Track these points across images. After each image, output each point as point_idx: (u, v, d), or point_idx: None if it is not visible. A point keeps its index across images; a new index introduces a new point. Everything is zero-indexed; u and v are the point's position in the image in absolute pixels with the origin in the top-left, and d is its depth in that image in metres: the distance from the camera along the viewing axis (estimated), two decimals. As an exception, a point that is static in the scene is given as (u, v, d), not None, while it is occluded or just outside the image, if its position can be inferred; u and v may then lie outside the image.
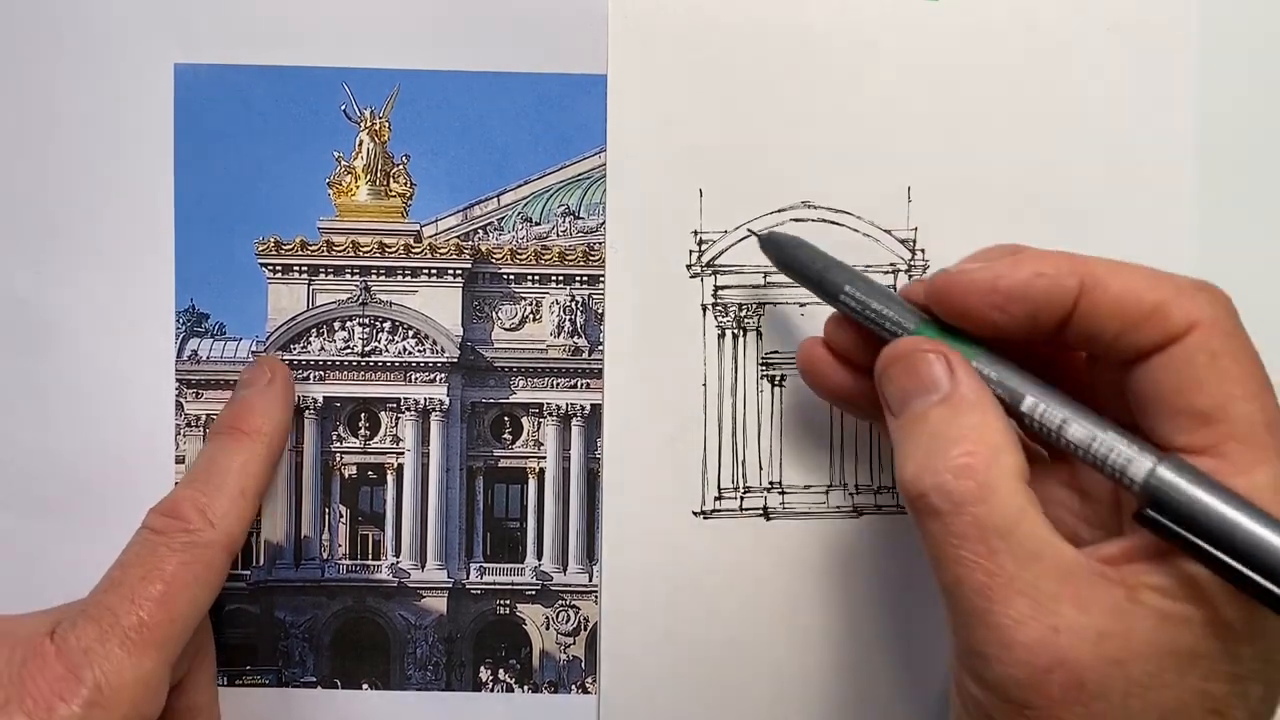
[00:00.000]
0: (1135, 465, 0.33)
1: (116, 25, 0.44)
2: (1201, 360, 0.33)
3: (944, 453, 0.33)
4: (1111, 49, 0.45)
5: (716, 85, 0.45)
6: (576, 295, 0.46)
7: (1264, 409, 0.32)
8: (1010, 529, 0.32)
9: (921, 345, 0.36)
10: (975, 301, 0.35)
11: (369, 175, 0.46)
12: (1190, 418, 0.33)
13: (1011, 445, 0.34)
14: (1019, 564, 0.32)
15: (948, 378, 0.35)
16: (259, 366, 0.44)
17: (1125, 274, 0.34)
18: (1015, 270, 0.35)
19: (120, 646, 0.37)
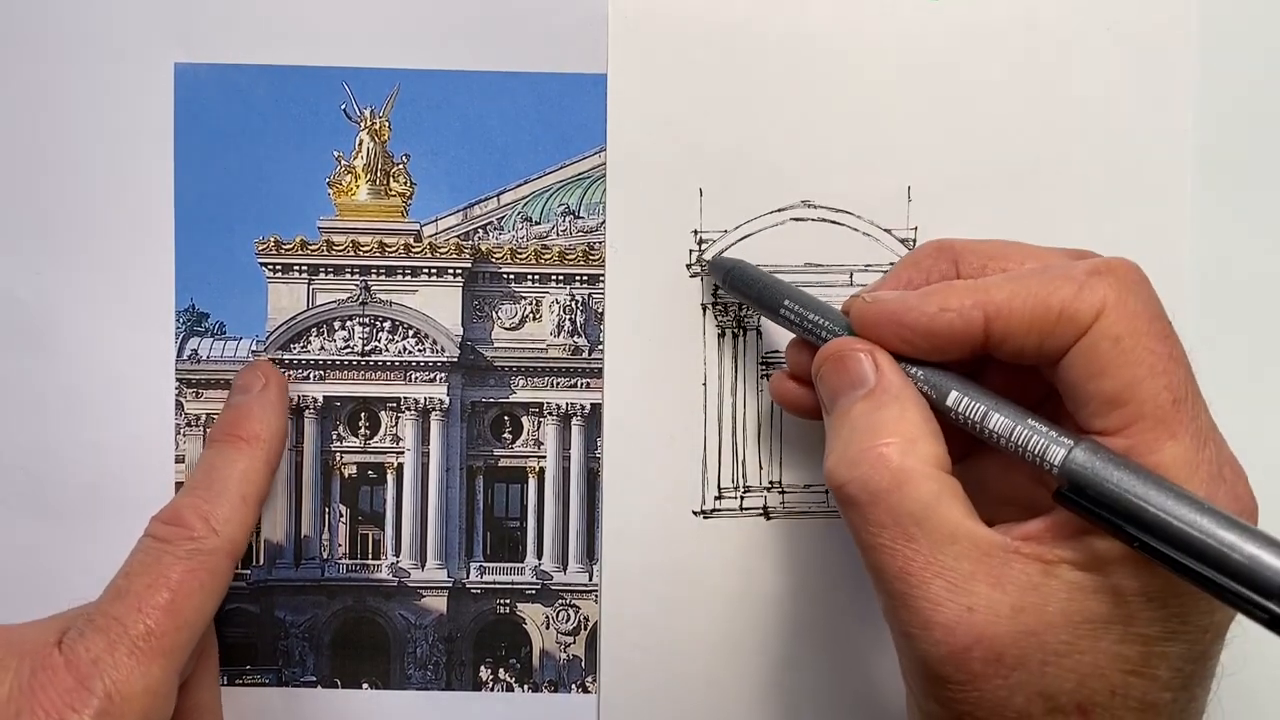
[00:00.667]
0: (1051, 451, 0.34)
1: (116, 25, 0.44)
2: (1105, 346, 0.34)
3: (862, 444, 0.35)
4: (1111, 49, 0.45)
5: (716, 85, 0.45)
6: (576, 295, 0.46)
7: (1170, 385, 0.33)
8: (925, 515, 0.34)
9: (850, 344, 0.38)
10: (885, 333, 0.37)
11: (369, 175, 0.46)
12: (1099, 402, 0.34)
13: (929, 435, 0.35)
14: (934, 548, 0.34)
15: (873, 373, 0.37)
16: (253, 371, 0.44)
17: (1025, 288, 0.35)
18: (922, 305, 0.36)
19: (129, 656, 0.37)
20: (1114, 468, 0.33)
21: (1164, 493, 0.32)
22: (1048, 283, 0.35)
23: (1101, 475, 0.33)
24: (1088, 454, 0.33)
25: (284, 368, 0.46)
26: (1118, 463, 0.33)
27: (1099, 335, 0.34)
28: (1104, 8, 0.45)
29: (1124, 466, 0.33)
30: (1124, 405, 0.34)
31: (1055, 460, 0.34)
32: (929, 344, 0.36)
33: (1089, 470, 0.33)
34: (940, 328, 0.36)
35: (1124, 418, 0.34)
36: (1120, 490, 0.32)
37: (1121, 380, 0.33)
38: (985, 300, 0.35)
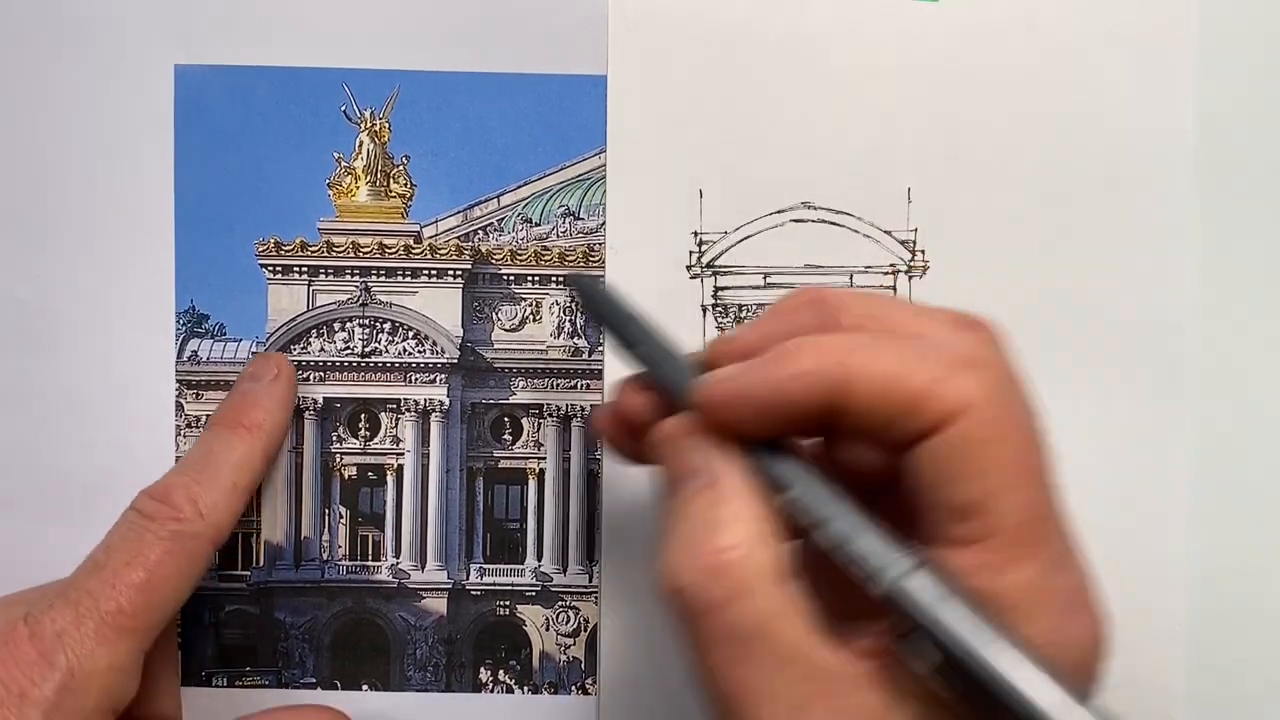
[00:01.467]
0: (874, 581, 0.30)
1: (116, 25, 0.44)
2: (964, 450, 0.30)
3: (698, 548, 0.31)
4: (1111, 49, 0.45)
5: (716, 85, 0.45)
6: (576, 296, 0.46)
7: (1030, 501, 0.30)
8: (760, 633, 0.30)
9: (688, 428, 0.33)
10: (733, 414, 0.32)
11: (369, 176, 0.46)
12: (950, 510, 0.30)
13: (770, 540, 0.31)
14: (770, 670, 0.30)
15: (711, 465, 0.32)
16: (265, 361, 0.44)
17: (887, 359, 0.31)
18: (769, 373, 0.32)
19: (95, 631, 0.37)
20: (944, 606, 0.29)
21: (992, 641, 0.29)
22: (913, 359, 0.31)
23: (923, 612, 0.29)
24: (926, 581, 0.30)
25: (284, 369, 0.46)
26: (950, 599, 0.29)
27: (958, 436, 0.30)
28: (1104, 8, 0.45)
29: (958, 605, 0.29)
30: (978, 517, 0.30)
31: (878, 589, 0.30)
32: (782, 417, 0.32)
33: (911, 603, 0.30)
34: (792, 397, 0.31)
35: (975, 532, 0.30)
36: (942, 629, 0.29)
37: (977, 491, 0.30)
38: (838, 362, 0.31)
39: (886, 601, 0.30)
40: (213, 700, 0.46)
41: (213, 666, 0.46)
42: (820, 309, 0.33)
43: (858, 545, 0.31)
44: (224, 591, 0.46)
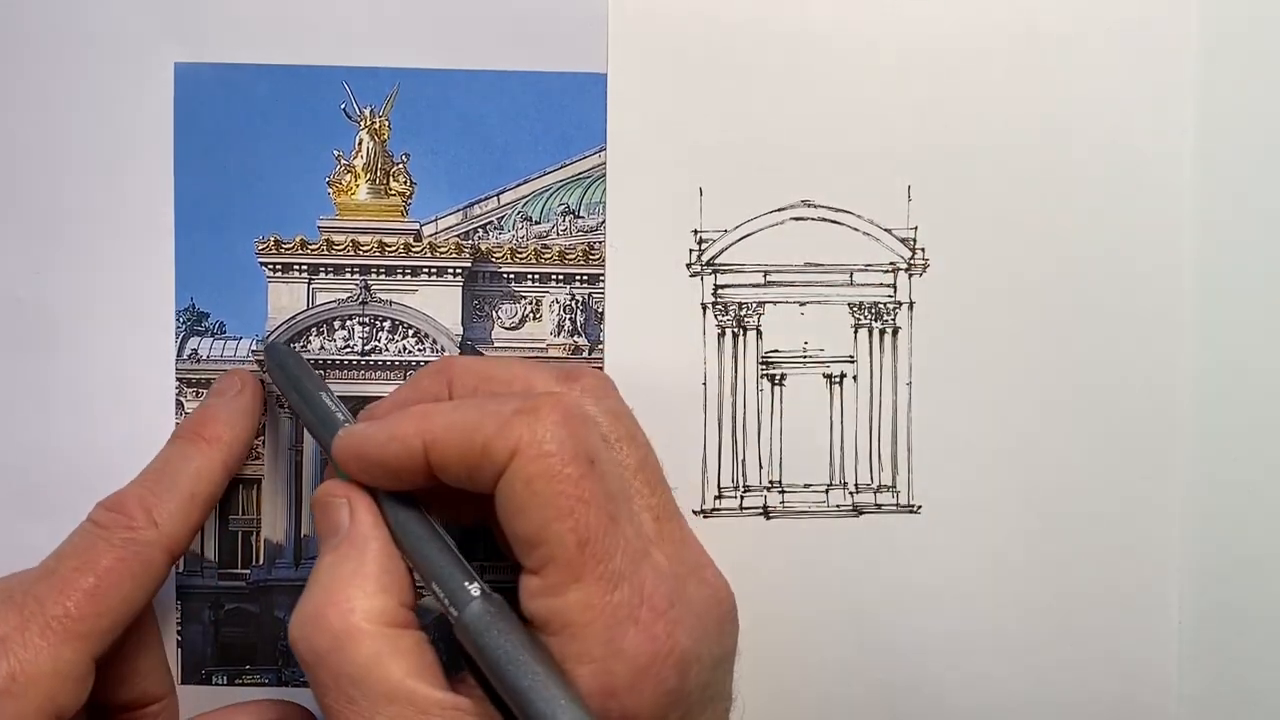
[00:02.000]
0: (452, 607, 0.35)
1: (116, 25, 0.44)
2: (518, 488, 0.34)
3: (314, 604, 0.35)
4: (1111, 49, 0.45)
5: (716, 85, 0.45)
6: (576, 294, 0.46)
7: (575, 528, 0.34)
8: (362, 675, 0.34)
9: (331, 490, 0.38)
10: (352, 469, 0.37)
11: (369, 174, 0.46)
12: (519, 542, 0.35)
13: (380, 590, 0.36)
14: (372, 708, 0.34)
15: (347, 521, 0.37)
16: (230, 377, 0.44)
17: (459, 420, 0.35)
18: (373, 436, 0.37)
19: (40, 635, 0.37)
20: (489, 633, 0.34)
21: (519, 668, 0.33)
22: (478, 417, 0.35)
23: (476, 640, 0.34)
24: (479, 613, 0.34)
25: (284, 367, 0.46)
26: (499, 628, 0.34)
27: (513, 476, 0.34)
28: (1104, 8, 0.45)
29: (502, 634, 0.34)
30: (536, 547, 0.34)
31: (454, 613, 0.35)
32: (388, 475, 0.37)
33: (471, 632, 0.34)
34: (390, 458, 0.36)
35: (539, 559, 0.34)
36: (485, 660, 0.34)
37: (533, 522, 0.34)
38: (424, 429, 0.35)
39: (458, 633, 0.35)
40: (212, 698, 0.46)
41: (212, 665, 0.46)
42: (442, 375, 0.39)
43: (437, 583, 0.36)
44: (224, 590, 0.46)
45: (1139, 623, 0.46)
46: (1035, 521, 0.46)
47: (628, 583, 0.34)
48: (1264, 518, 0.46)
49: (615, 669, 0.34)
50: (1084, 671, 0.46)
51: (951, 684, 0.46)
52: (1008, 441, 0.46)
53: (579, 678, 0.34)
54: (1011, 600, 0.46)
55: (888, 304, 0.46)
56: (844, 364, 0.46)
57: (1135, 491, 0.46)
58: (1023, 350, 0.46)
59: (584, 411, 0.36)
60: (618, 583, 0.34)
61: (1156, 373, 0.45)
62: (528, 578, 0.35)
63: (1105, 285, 0.45)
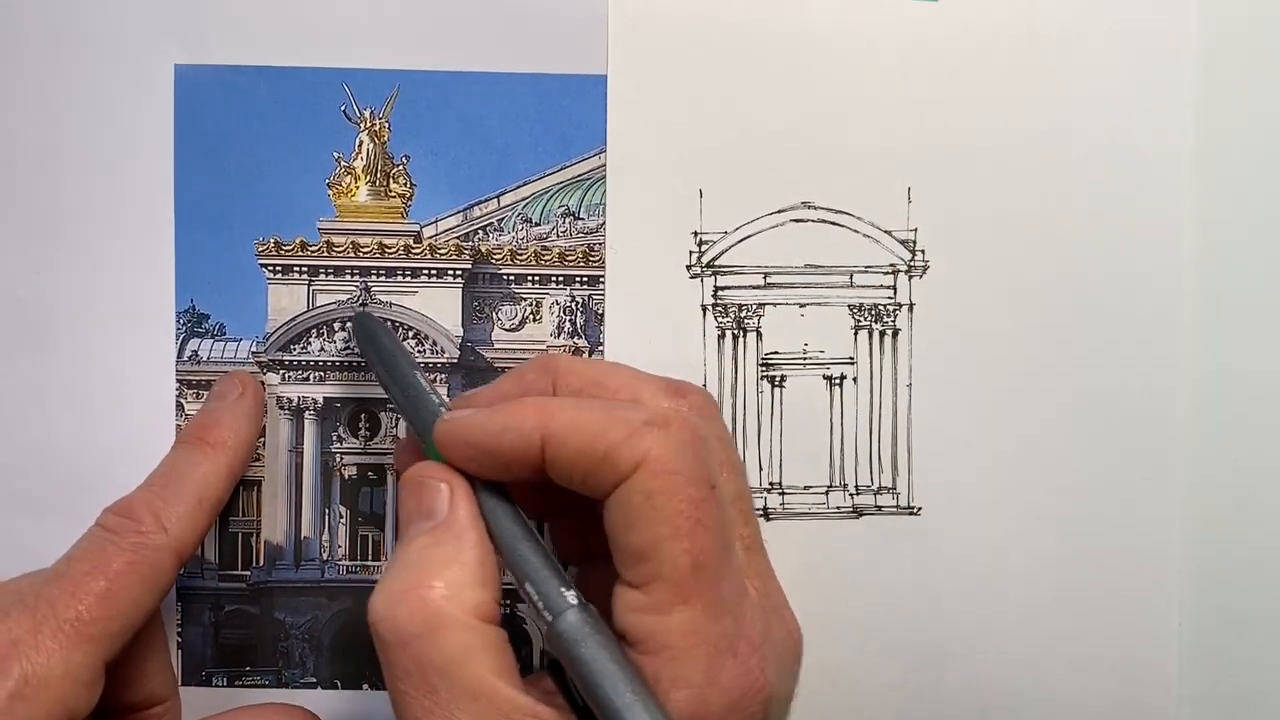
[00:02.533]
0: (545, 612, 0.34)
1: (116, 25, 0.44)
2: (637, 501, 0.34)
3: (406, 584, 0.34)
4: (1111, 49, 0.45)
5: (716, 85, 0.45)
6: (577, 296, 0.46)
7: (691, 550, 0.33)
8: (449, 668, 0.33)
9: (428, 471, 0.37)
10: (457, 454, 0.37)
11: (369, 176, 0.46)
12: (627, 554, 0.34)
13: (478, 582, 0.35)
14: (452, 702, 0.33)
15: (445, 506, 0.36)
16: (231, 380, 0.44)
17: (582, 420, 0.35)
18: (486, 424, 0.36)
19: (52, 639, 0.36)
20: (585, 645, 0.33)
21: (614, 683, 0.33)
22: (604, 421, 0.34)
23: (570, 649, 0.33)
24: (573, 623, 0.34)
25: (284, 369, 0.46)
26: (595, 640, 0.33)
27: (633, 488, 0.34)
28: (1104, 8, 0.45)
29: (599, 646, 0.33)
30: (646, 562, 0.34)
31: (548, 618, 0.34)
32: (496, 465, 0.36)
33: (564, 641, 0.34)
34: (504, 448, 0.35)
35: (645, 574, 0.34)
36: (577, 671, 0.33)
37: (646, 537, 0.34)
38: (545, 423, 0.35)
39: (547, 638, 0.34)
40: (213, 700, 0.46)
41: (213, 666, 0.46)
42: (547, 374, 0.38)
43: (532, 584, 0.35)
44: (224, 591, 0.46)
45: (1139, 624, 0.46)
46: (1035, 523, 0.46)
47: (730, 614, 0.34)
48: (1264, 520, 0.46)
49: (710, 699, 0.33)
50: (1084, 673, 0.46)
51: (952, 685, 0.46)
52: (1008, 443, 0.46)
53: (673, 702, 0.33)
54: (1011, 602, 0.46)
55: (888, 306, 0.46)
56: (844, 366, 0.46)
57: (1135, 493, 0.46)
58: (1022, 352, 0.46)
59: (703, 434, 0.36)
60: (722, 612, 0.34)
61: (1156, 374, 0.45)
62: (628, 591, 0.34)
63: (1105, 286, 0.45)
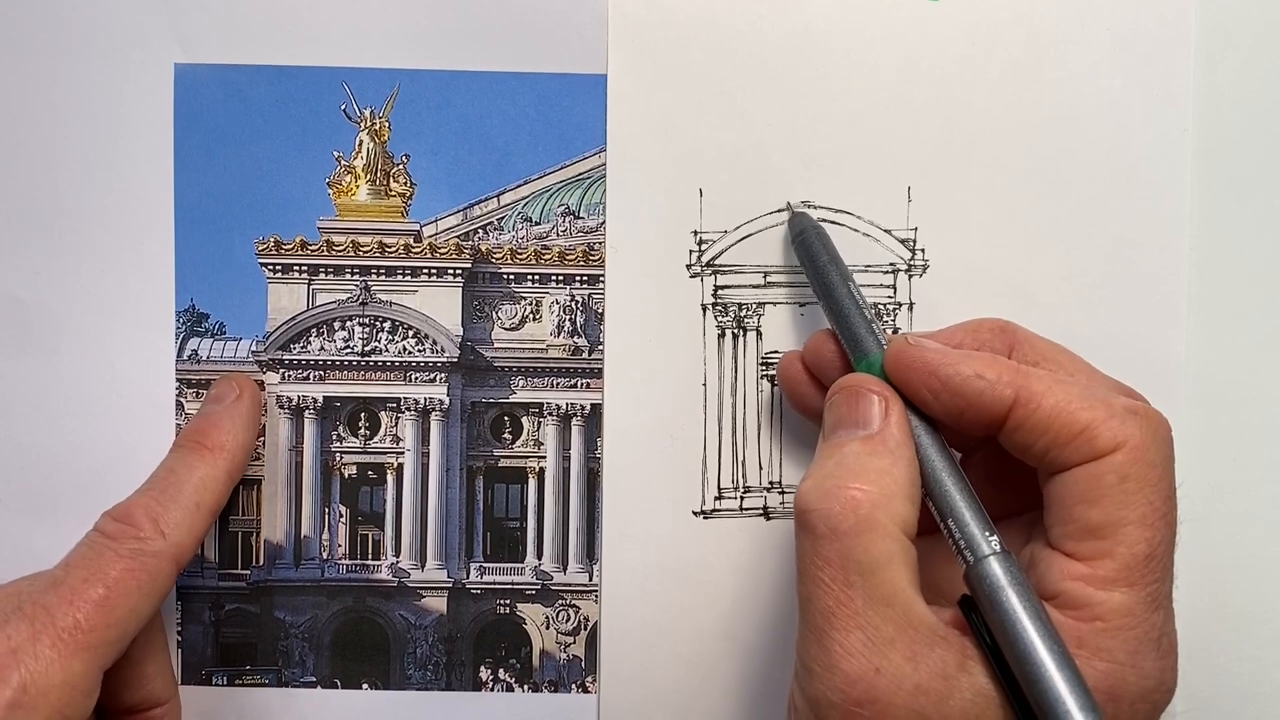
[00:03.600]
0: (968, 551, 0.35)
1: (116, 25, 0.44)
2: (1110, 480, 0.34)
3: (841, 481, 0.35)
4: (1111, 49, 0.45)
5: (716, 85, 0.45)
6: (576, 295, 0.46)
7: (1150, 540, 0.34)
8: (871, 569, 0.34)
9: (869, 384, 0.38)
10: (915, 378, 0.37)
11: (369, 175, 0.46)
12: (1081, 528, 0.35)
13: (907, 497, 0.35)
14: (868, 602, 0.34)
15: (880, 420, 0.37)
16: (228, 382, 0.44)
17: (1061, 391, 0.35)
18: (960, 364, 0.36)
19: (51, 647, 0.36)
20: (1009, 592, 0.34)
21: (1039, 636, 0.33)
22: (1084, 397, 0.35)
23: (993, 593, 0.34)
24: (997, 568, 0.34)
25: (284, 368, 0.46)
26: (1017, 589, 0.34)
27: (1108, 467, 0.34)
28: (1104, 8, 0.45)
29: (1020, 597, 0.33)
30: (1101, 539, 0.34)
31: (969, 558, 0.35)
32: (952, 403, 0.36)
33: (987, 583, 0.34)
34: (969, 391, 0.36)
35: (1096, 550, 0.34)
36: (999, 616, 0.33)
37: (1110, 516, 0.34)
38: (1021, 384, 0.35)
39: (966, 576, 0.35)
40: (213, 699, 0.46)
41: (213, 665, 0.46)
42: (1005, 336, 0.39)
43: (959, 520, 0.35)
44: (224, 590, 0.46)
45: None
46: (1036, 522, 0.46)
47: (1163, 610, 0.35)
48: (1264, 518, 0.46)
49: (1129, 679, 0.34)
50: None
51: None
52: (1008, 442, 0.46)
53: (1092, 671, 0.33)
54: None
55: (887, 305, 0.46)
56: (844, 364, 0.46)
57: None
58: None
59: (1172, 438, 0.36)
60: (1158, 605, 0.34)
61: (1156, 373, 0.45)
62: (1068, 560, 0.35)
63: (1105, 286, 0.45)
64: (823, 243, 0.43)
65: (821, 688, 0.34)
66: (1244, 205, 0.45)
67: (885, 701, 0.33)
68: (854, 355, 0.39)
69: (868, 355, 0.39)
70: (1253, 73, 0.45)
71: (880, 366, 0.38)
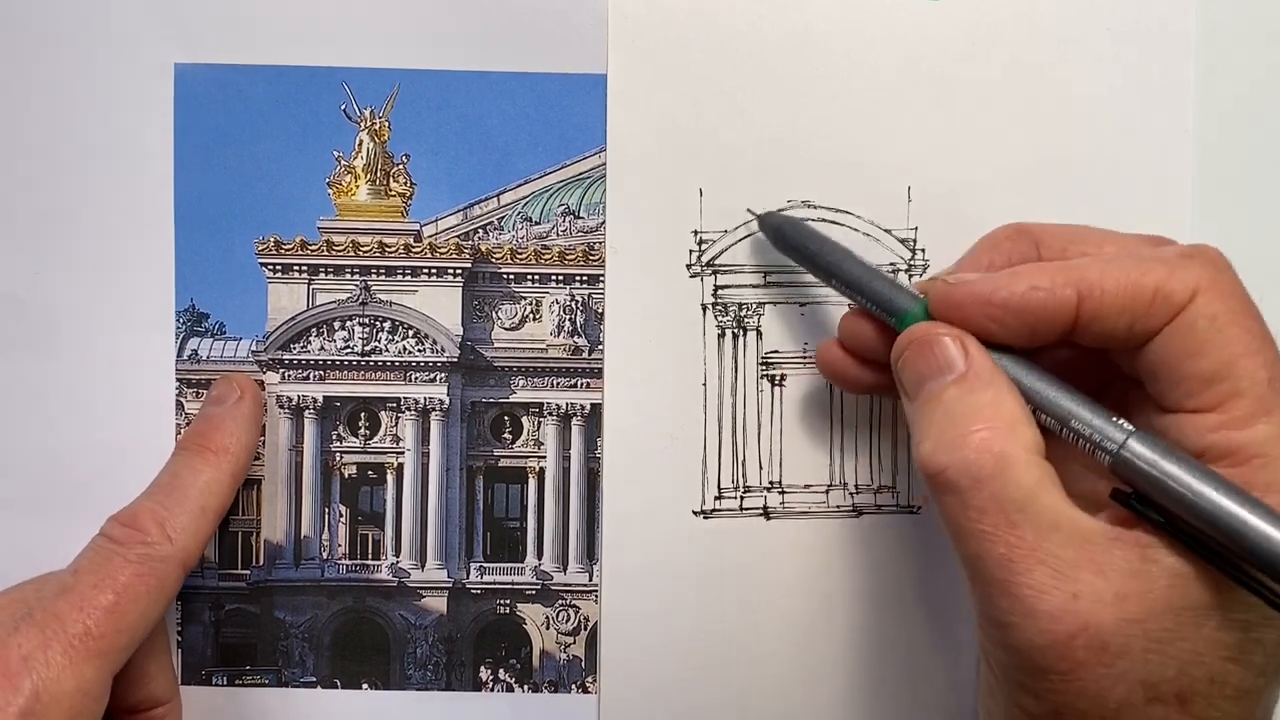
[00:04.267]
0: (1106, 442, 0.35)
1: (116, 25, 0.44)
2: (1202, 325, 0.34)
3: (960, 429, 0.35)
4: (1111, 49, 0.45)
5: (716, 85, 0.45)
6: (576, 295, 0.46)
7: (1266, 364, 0.34)
8: (1028, 501, 0.34)
9: (936, 329, 0.37)
10: (972, 313, 0.36)
11: (369, 175, 0.46)
12: (1196, 381, 0.34)
13: (1025, 421, 0.35)
14: (1038, 535, 0.33)
15: (962, 358, 0.36)
16: (228, 383, 0.44)
17: (1117, 269, 0.35)
18: (1012, 284, 0.36)
19: (63, 654, 0.37)
20: (1166, 461, 0.33)
21: (1223, 493, 0.33)
22: (1140, 264, 0.35)
23: (1150, 470, 0.34)
24: (1141, 446, 0.34)
25: (284, 368, 0.46)
26: (1171, 457, 0.34)
27: (1195, 314, 0.34)
28: (1104, 8, 0.45)
29: (1177, 461, 0.33)
30: (1220, 382, 0.34)
31: (1109, 451, 0.34)
32: (1019, 323, 0.36)
33: (1138, 465, 0.34)
34: (1032, 306, 0.35)
35: (1219, 395, 0.34)
36: (1173, 489, 0.33)
37: (1219, 358, 0.34)
38: (1078, 279, 0.35)
39: (1114, 466, 0.34)
40: (213, 699, 0.46)
41: (213, 665, 0.46)
42: (1024, 237, 0.39)
43: (1081, 418, 0.35)
44: (224, 590, 0.46)
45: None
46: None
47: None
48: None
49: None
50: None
51: (952, 682, 0.46)
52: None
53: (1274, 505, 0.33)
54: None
55: (888, 304, 0.46)
56: (844, 364, 0.46)
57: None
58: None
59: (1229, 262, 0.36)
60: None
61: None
62: (1198, 416, 0.34)
63: (1105, 285, 0.45)
64: (804, 231, 0.42)
65: (1026, 635, 0.33)
66: (1244, 205, 0.45)
67: (1095, 623, 0.33)
68: (894, 318, 0.39)
69: (909, 310, 0.38)
70: (1253, 73, 0.45)
71: (925, 316, 0.38)
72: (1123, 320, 0.35)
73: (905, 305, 0.38)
